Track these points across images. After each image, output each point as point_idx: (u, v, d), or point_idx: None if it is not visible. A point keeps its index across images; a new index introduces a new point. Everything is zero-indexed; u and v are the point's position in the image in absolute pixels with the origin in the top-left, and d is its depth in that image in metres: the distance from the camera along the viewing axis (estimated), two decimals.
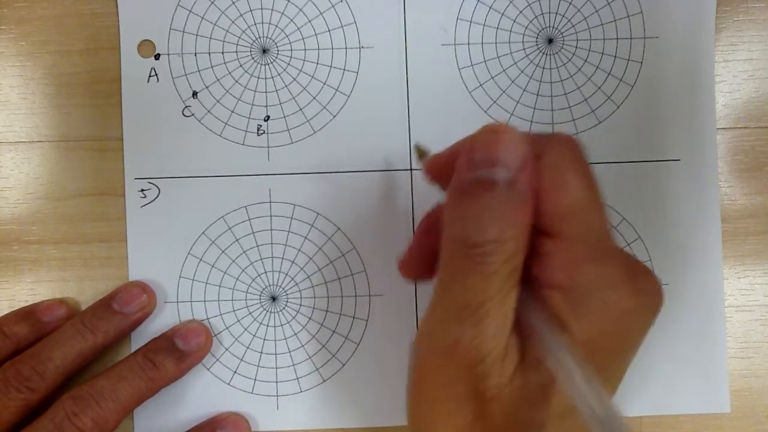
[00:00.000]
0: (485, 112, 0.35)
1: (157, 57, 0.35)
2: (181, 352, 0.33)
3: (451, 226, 0.24)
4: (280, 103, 0.35)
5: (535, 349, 0.24)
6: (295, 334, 0.35)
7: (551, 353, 0.23)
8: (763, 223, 0.36)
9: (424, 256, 0.28)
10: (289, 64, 0.35)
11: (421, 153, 0.32)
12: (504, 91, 0.35)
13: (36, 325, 0.33)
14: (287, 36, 0.35)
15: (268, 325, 0.35)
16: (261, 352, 0.35)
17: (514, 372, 0.23)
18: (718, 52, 0.36)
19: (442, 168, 0.27)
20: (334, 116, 0.35)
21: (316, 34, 0.35)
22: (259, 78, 0.35)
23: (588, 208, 0.25)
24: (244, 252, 0.35)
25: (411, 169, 0.35)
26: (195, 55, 0.35)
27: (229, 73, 0.35)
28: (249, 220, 0.35)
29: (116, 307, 0.34)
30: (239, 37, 0.35)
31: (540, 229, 0.25)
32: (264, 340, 0.35)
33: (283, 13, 0.35)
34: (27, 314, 0.34)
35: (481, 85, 0.35)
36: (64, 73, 0.35)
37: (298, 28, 0.35)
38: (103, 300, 0.34)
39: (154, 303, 0.35)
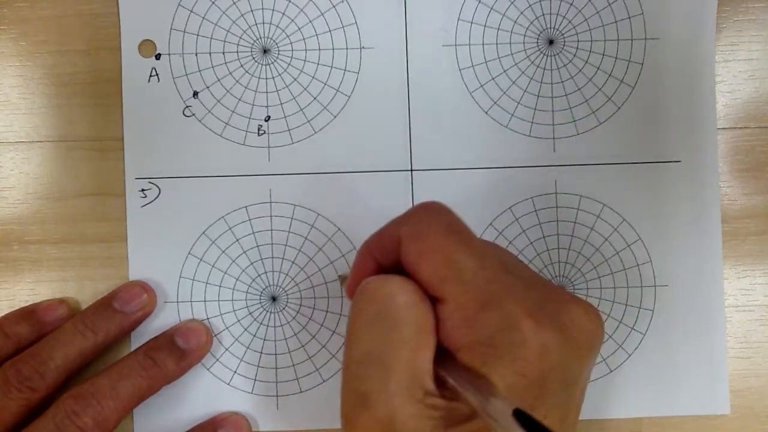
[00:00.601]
0: (486, 113, 0.35)
1: (158, 57, 0.35)
2: (181, 350, 0.33)
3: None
4: (281, 104, 0.35)
5: (459, 408, 0.24)
6: (296, 334, 0.35)
7: (477, 406, 0.23)
8: (763, 223, 0.36)
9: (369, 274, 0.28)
10: (289, 64, 0.35)
11: (343, 280, 0.33)
12: (505, 92, 0.35)
13: (36, 325, 0.33)
14: (288, 36, 0.35)
15: (268, 326, 0.35)
16: (261, 353, 0.35)
17: (435, 427, 0.24)
18: (718, 52, 0.36)
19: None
20: (335, 117, 0.35)
21: (317, 35, 0.35)
22: (260, 78, 0.35)
23: (459, 261, 0.25)
24: (245, 252, 0.35)
25: (411, 170, 0.35)
26: (196, 55, 0.35)
27: (230, 73, 0.35)
28: (249, 220, 0.35)
29: (117, 306, 0.34)
30: (240, 37, 0.35)
31: (434, 297, 0.25)
32: (264, 340, 0.35)
33: (284, 14, 0.35)
34: (27, 314, 0.34)
35: (481, 86, 0.35)
36: (64, 73, 0.35)
37: (299, 29, 0.35)
38: (104, 299, 0.34)
39: (154, 302, 0.35)
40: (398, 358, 0.24)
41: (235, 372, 0.35)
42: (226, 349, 0.35)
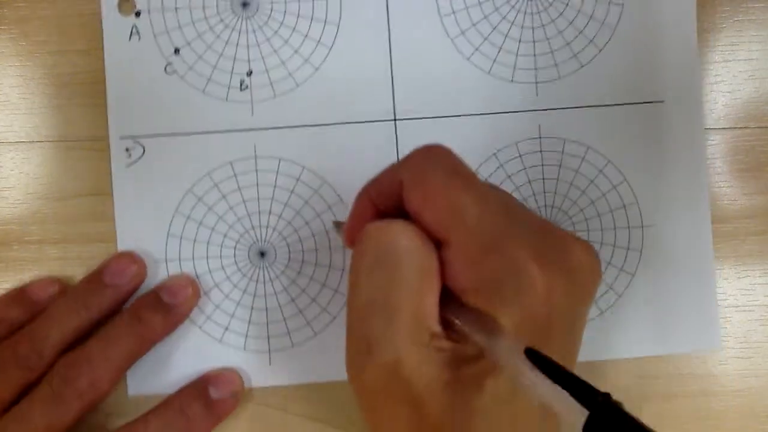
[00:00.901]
0: (467, 59, 0.35)
1: (137, 14, 0.35)
2: (167, 306, 0.33)
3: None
4: (262, 58, 0.35)
5: (467, 349, 0.24)
6: (285, 288, 0.35)
7: (485, 346, 0.23)
8: (763, 223, 0.36)
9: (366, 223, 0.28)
10: (269, 17, 0.35)
11: (339, 226, 0.33)
12: (486, 38, 0.35)
13: (29, 305, 0.33)
14: None
15: (257, 281, 0.35)
16: (252, 308, 0.35)
17: (442, 369, 0.24)
18: (718, 52, 0.36)
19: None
20: (317, 69, 0.35)
21: None
22: (240, 32, 0.35)
23: (464, 206, 0.25)
24: (231, 208, 0.35)
25: (395, 120, 0.35)
26: (176, 10, 0.35)
27: (210, 28, 0.35)
28: (235, 175, 0.35)
29: (107, 280, 0.33)
30: None
31: (438, 241, 0.25)
32: (254, 296, 0.35)
33: None
34: (19, 295, 0.34)
35: (462, 32, 0.35)
36: (64, 73, 0.35)
37: None
38: (94, 274, 0.34)
39: (144, 272, 0.34)
40: (402, 302, 0.24)
41: (227, 329, 0.35)
42: (217, 307, 0.35)
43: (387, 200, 0.27)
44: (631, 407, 0.34)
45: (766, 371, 0.35)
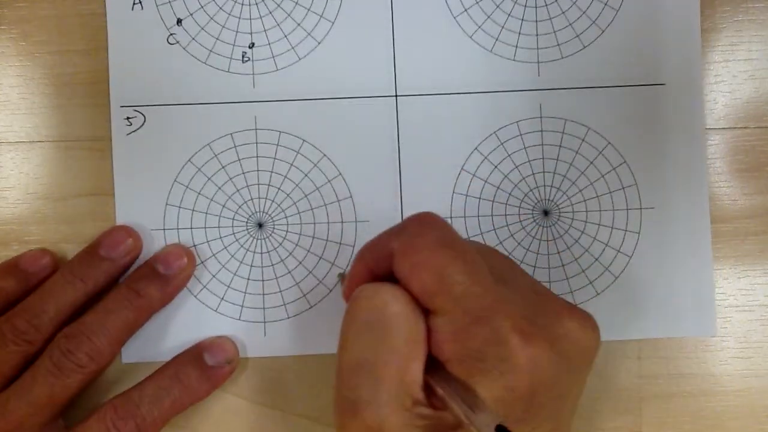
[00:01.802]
0: (470, 37, 0.35)
1: None
2: (164, 276, 0.33)
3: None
4: (265, 30, 0.35)
5: (448, 418, 0.25)
6: (282, 260, 0.35)
7: (463, 418, 0.23)
8: (763, 223, 0.36)
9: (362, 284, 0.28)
10: None
11: (343, 279, 0.32)
12: (489, 16, 0.35)
13: (22, 277, 0.34)
14: None
15: (254, 252, 0.35)
16: (248, 279, 0.35)
17: None
18: (718, 52, 0.36)
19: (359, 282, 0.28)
20: (319, 43, 0.35)
21: None
22: (243, 4, 0.35)
23: (450, 276, 0.25)
24: (231, 179, 0.35)
25: (396, 96, 0.35)
26: None
27: None
28: (235, 147, 0.35)
29: (103, 253, 0.34)
30: None
31: (426, 309, 0.26)
32: (251, 266, 0.35)
33: None
34: (11, 267, 0.34)
35: (466, 10, 0.35)
36: (64, 73, 0.35)
37: None
38: (90, 247, 0.34)
39: (140, 246, 0.35)
40: (388, 367, 0.25)
41: (222, 299, 0.35)
42: (213, 276, 0.35)
43: (381, 265, 0.27)
44: (631, 407, 0.35)
45: (766, 371, 0.35)
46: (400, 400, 0.24)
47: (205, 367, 0.33)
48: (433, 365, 0.25)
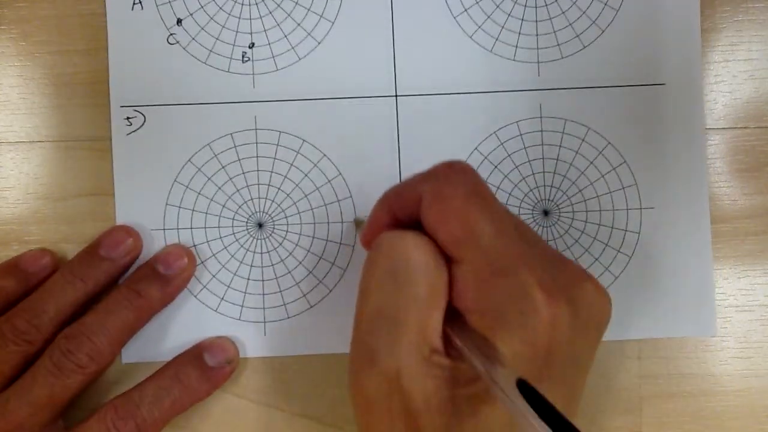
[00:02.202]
0: (470, 37, 0.35)
1: None
2: (164, 277, 0.33)
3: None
4: (265, 30, 0.35)
5: (465, 369, 0.24)
6: (282, 260, 0.35)
7: (481, 371, 0.23)
8: (763, 223, 0.36)
9: (383, 230, 0.28)
10: None
11: (359, 224, 0.33)
12: (489, 16, 0.35)
13: (22, 277, 0.34)
14: None
15: (254, 252, 0.35)
16: (248, 279, 0.35)
17: (440, 386, 0.24)
18: (718, 52, 0.36)
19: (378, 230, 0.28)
20: (319, 43, 0.35)
21: None
22: (243, 4, 0.35)
23: (479, 226, 0.25)
24: (231, 179, 0.35)
25: (396, 96, 0.35)
26: None
27: None
28: (235, 147, 0.35)
29: (103, 253, 0.34)
30: None
31: (450, 258, 0.25)
32: (251, 266, 0.35)
33: None
34: (11, 267, 0.34)
35: (466, 10, 0.35)
36: (64, 73, 0.35)
37: None
38: (90, 247, 0.34)
39: (140, 245, 0.35)
40: (408, 315, 0.24)
41: (222, 299, 0.35)
42: (213, 276, 0.35)
43: (406, 211, 0.27)
44: (631, 407, 0.35)
45: (766, 371, 0.35)
46: (418, 348, 0.24)
47: (205, 367, 0.33)
48: (453, 316, 0.25)
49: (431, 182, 0.26)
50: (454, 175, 0.26)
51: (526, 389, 0.22)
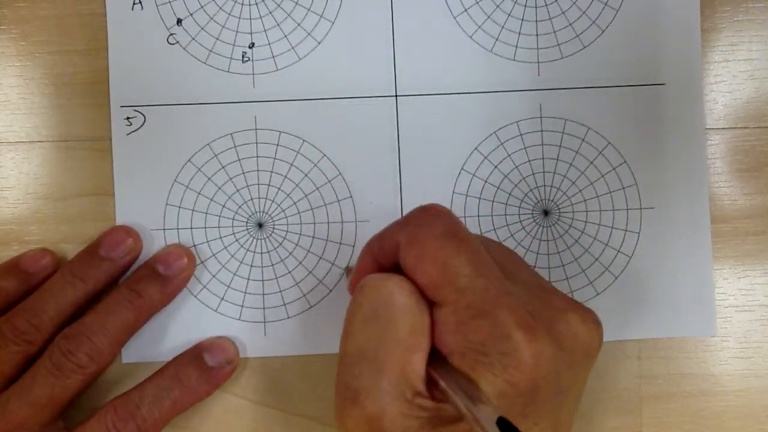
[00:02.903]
0: (470, 37, 0.35)
1: None
2: (164, 277, 0.33)
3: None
4: (265, 30, 0.35)
5: (448, 410, 0.25)
6: (282, 260, 0.35)
7: (465, 411, 0.23)
8: (763, 223, 0.36)
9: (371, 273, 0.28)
10: None
11: (348, 272, 0.33)
12: (489, 16, 0.35)
13: (22, 277, 0.34)
14: None
15: (254, 252, 0.35)
16: (248, 279, 0.35)
17: (422, 427, 0.24)
18: (718, 52, 0.36)
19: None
20: (319, 43, 0.35)
21: None
22: (243, 4, 0.35)
23: (455, 268, 0.25)
24: (231, 179, 0.35)
25: (396, 96, 0.35)
26: None
27: None
28: (235, 147, 0.35)
29: (103, 253, 0.34)
30: None
31: (430, 300, 0.26)
32: (251, 266, 0.35)
33: None
34: (12, 267, 0.34)
35: (466, 10, 0.35)
36: (64, 73, 0.35)
37: None
38: (90, 247, 0.34)
39: (140, 246, 0.35)
40: (391, 357, 0.25)
41: (222, 299, 0.35)
42: (213, 276, 0.35)
43: (387, 257, 0.27)
44: (631, 407, 0.35)
45: (766, 371, 0.35)
46: (401, 390, 0.24)
47: (205, 367, 0.33)
48: (436, 358, 0.25)
49: (407, 228, 0.27)
50: (429, 218, 0.27)
51: (506, 427, 0.22)
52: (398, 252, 0.26)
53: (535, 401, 0.25)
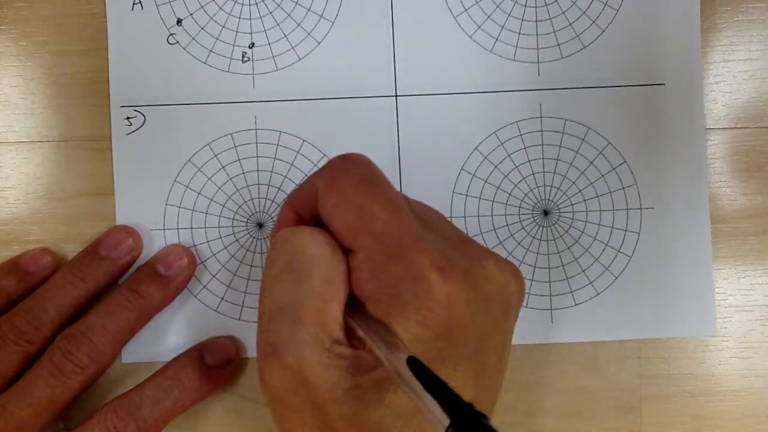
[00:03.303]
0: (470, 37, 0.35)
1: None
2: (164, 277, 0.33)
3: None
4: (265, 30, 0.35)
5: (368, 357, 0.24)
6: None
7: (379, 356, 0.23)
8: (763, 223, 0.36)
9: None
10: None
11: None
12: (489, 16, 0.35)
13: (22, 277, 0.34)
14: None
15: (255, 252, 0.35)
16: (248, 279, 0.35)
17: (343, 376, 0.24)
18: (718, 52, 0.36)
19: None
20: (319, 43, 0.35)
21: None
22: (243, 4, 0.35)
23: (372, 212, 0.25)
24: (231, 179, 0.35)
25: (396, 96, 0.35)
26: None
27: None
28: (235, 147, 0.35)
29: (103, 253, 0.34)
30: None
31: (347, 248, 0.26)
32: (251, 266, 0.35)
33: None
34: (12, 267, 0.34)
35: (466, 10, 0.35)
36: (64, 73, 0.35)
37: None
38: (90, 247, 0.34)
39: (140, 246, 0.35)
40: (307, 308, 0.25)
41: (222, 299, 0.35)
42: (213, 276, 0.35)
43: (307, 208, 0.27)
44: (631, 407, 0.35)
45: (766, 371, 0.35)
46: (319, 340, 0.24)
47: (205, 367, 0.33)
48: (354, 306, 0.25)
49: (326, 174, 0.26)
50: (347, 166, 0.27)
51: (420, 370, 0.22)
52: (317, 201, 0.26)
53: (452, 345, 0.24)
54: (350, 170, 0.26)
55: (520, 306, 0.27)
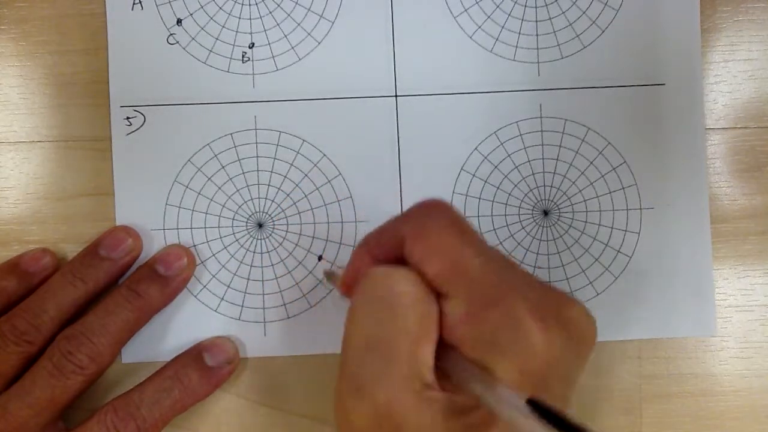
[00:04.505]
0: (470, 37, 0.35)
1: None
2: (164, 278, 0.33)
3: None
4: (265, 30, 0.35)
5: (459, 401, 0.24)
6: (282, 260, 0.35)
7: (484, 395, 0.23)
8: (763, 223, 0.36)
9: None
10: None
11: (330, 276, 0.33)
12: (489, 16, 0.35)
13: (23, 277, 0.34)
14: None
15: (254, 252, 0.35)
16: (248, 279, 0.35)
17: (434, 418, 0.23)
18: (718, 52, 0.36)
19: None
20: (319, 43, 0.35)
21: None
22: (243, 4, 0.35)
23: (465, 259, 0.25)
24: (230, 179, 0.35)
25: (396, 96, 0.35)
26: None
27: None
28: (235, 147, 0.35)
29: (103, 253, 0.34)
30: None
31: (438, 292, 0.26)
32: (251, 266, 0.35)
33: None
34: (12, 267, 0.34)
35: (466, 10, 0.35)
36: (64, 73, 0.35)
37: None
38: (90, 247, 0.34)
39: (140, 246, 0.35)
40: (400, 347, 0.24)
41: (222, 299, 0.35)
42: (213, 276, 0.35)
43: (387, 253, 0.27)
44: (631, 407, 0.35)
45: (766, 371, 0.35)
46: (410, 381, 0.24)
47: (205, 367, 0.33)
48: (445, 349, 0.25)
49: (412, 220, 0.26)
50: (432, 211, 0.26)
51: (536, 407, 0.22)
52: (401, 247, 0.26)
53: (546, 389, 0.24)
54: (437, 215, 0.26)
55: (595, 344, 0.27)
